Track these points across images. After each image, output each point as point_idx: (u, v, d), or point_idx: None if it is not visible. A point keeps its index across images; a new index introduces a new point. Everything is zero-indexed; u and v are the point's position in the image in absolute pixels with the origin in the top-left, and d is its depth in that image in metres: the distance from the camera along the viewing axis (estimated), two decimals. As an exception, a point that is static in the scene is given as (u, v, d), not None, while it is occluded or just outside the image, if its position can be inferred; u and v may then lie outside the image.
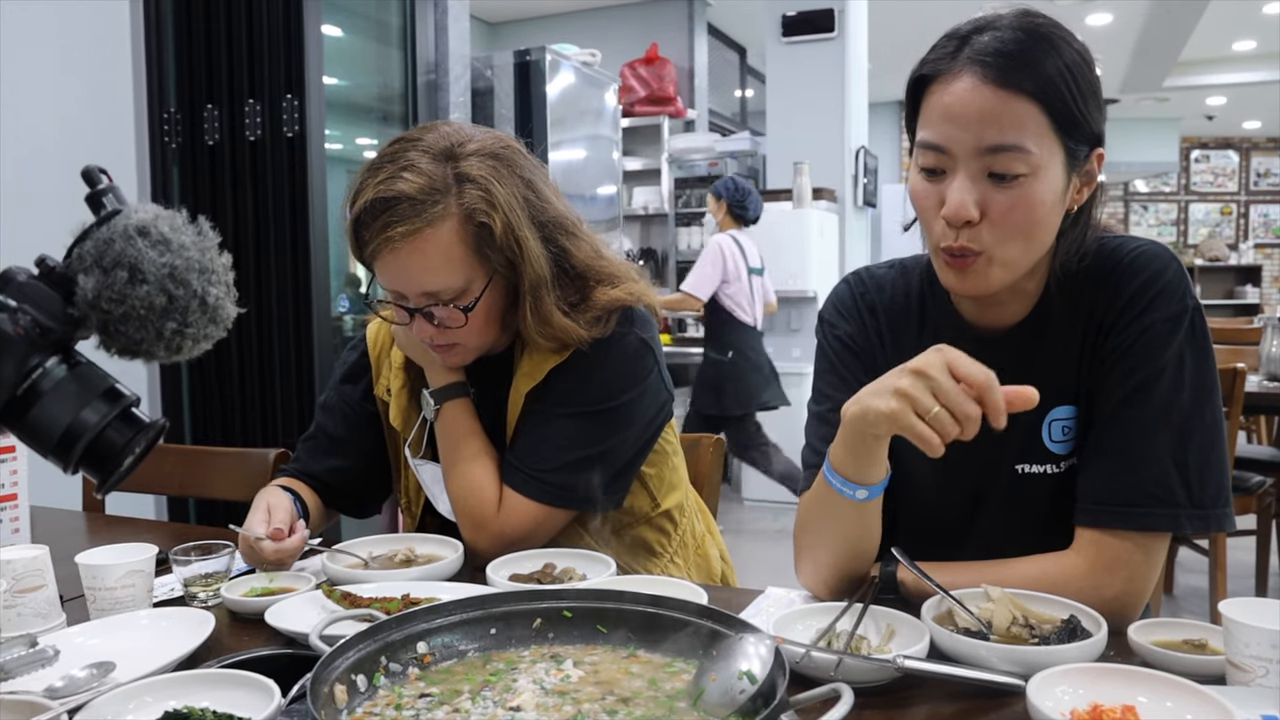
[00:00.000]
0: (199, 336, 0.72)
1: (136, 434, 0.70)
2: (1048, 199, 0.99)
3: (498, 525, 1.31)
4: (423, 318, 1.27)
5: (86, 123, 2.79)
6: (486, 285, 1.26)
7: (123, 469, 0.71)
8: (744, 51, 8.43)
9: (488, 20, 7.34)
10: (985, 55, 0.97)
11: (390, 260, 1.23)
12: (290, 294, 2.84)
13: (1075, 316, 1.10)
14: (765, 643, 0.76)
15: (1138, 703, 0.80)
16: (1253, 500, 3.16)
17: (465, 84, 3.61)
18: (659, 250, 6.78)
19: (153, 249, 0.69)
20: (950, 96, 0.98)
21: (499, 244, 1.24)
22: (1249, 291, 11.76)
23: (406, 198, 1.20)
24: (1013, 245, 1.01)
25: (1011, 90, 0.96)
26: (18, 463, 1.42)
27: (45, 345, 0.67)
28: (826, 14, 5.40)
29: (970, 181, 0.98)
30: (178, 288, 0.69)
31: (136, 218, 0.70)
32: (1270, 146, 12.35)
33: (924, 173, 1.03)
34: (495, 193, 1.23)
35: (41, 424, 0.67)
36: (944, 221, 1.01)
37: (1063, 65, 0.98)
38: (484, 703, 0.77)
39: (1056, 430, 1.11)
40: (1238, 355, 3.55)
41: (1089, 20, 7.34)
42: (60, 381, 0.67)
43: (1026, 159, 0.97)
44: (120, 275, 0.67)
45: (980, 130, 0.97)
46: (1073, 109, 0.98)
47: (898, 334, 1.20)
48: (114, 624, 1.07)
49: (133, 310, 0.68)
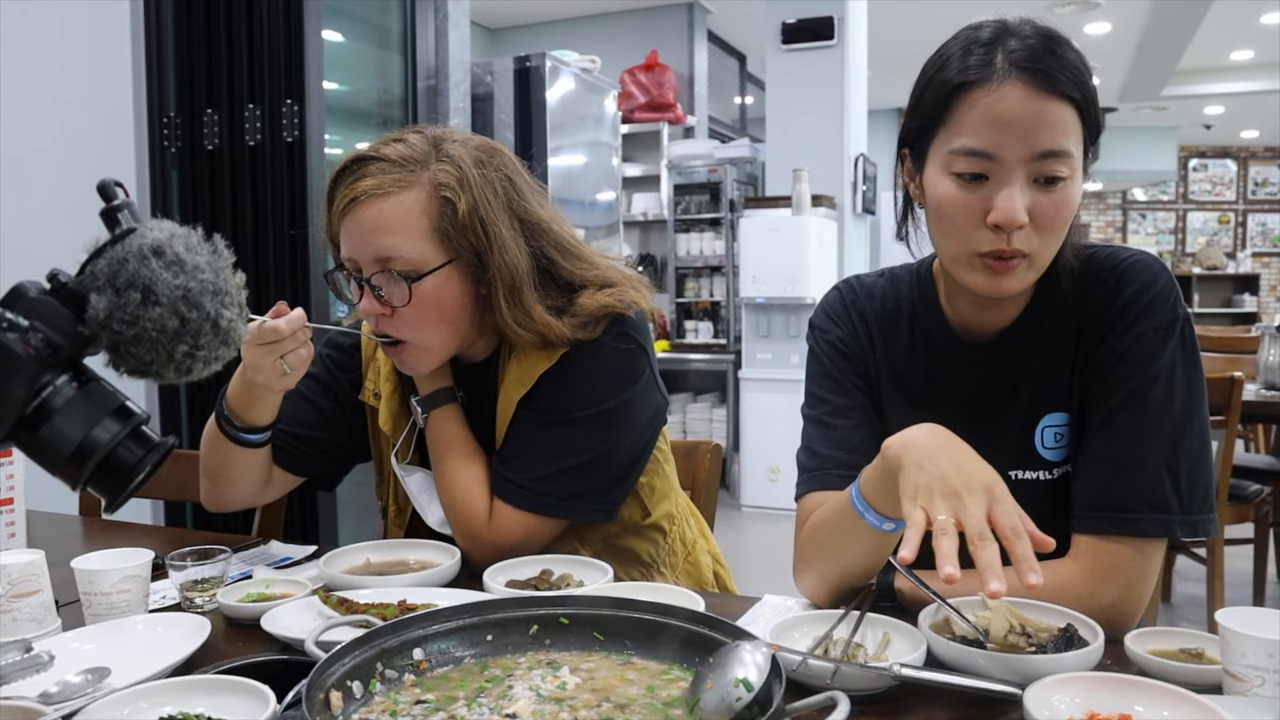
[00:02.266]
0: (210, 359, 0.72)
1: (148, 453, 0.70)
2: (1077, 199, 1.03)
3: (489, 536, 1.30)
4: (370, 290, 1.25)
5: (86, 126, 2.79)
6: (441, 266, 1.24)
7: (131, 487, 0.71)
8: (744, 58, 8.45)
9: (488, 26, 7.35)
10: (1027, 62, 0.98)
11: (351, 217, 1.24)
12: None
13: (1067, 324, 1.11)
14: (762, 650, 0.76)
15: (1134, 712, 0.80)
16: (1250, 509, 3.16)
17: (465, 89, 3.62)
18: (658, 256, 6.79)
19: (167, 270, 0.68)
20: (1001, 104, 0.98)
21: (462, 225, 1.23)
22: (1246, 300, 11.78)
23: (384, 159, 1.23)
24: (1049, 246, 1.03)
25: (1057, 95, 0.98)
26: (14, 467, 1.42)
27: (56, 363, 0.66)
28: (826, 22, 5.41)
29: (1019, 187, 0.99)
30: (191, 310, 0.68)
31: (152, 237, 0.69)
32: (1268, 156, 12.38)
33: (960, 178, 1.02)
34: (468, 174, 1.24)
35: (52, 442, 0.66)
36: (989, 229, 1.01)
37: (1082, 68, 1.01)
38: (480, 709, 0.77)
39: (1049, 437, 1.12)
40: (1235, 364, 3.55)
41: (1088, 29, 7.36)
42: (71, 400, 0.67)
43: (1069, 162, 1.00)
44: (133, 296, 0.66)
45: (1034, 137, 0.98)
46: (1095, 110, 1.02)
47: (888, 340, 1.21)
48: (109, 629, 1.06)
49: (144, 332, 0.67)
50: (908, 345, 1.20)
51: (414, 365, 1.31)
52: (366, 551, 1.33)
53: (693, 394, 6.41)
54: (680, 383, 6.39)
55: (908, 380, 1.20)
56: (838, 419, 1.19)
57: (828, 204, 5.42)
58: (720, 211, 6.46)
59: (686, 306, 6.77)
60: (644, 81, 6.59)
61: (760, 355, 5.38)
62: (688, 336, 6.55)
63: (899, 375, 1.20)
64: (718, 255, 6.47)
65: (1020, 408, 1.13)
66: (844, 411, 1.19)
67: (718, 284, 6.60)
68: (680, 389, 6.38)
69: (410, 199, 1.23)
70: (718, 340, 6.41)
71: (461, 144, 1.28)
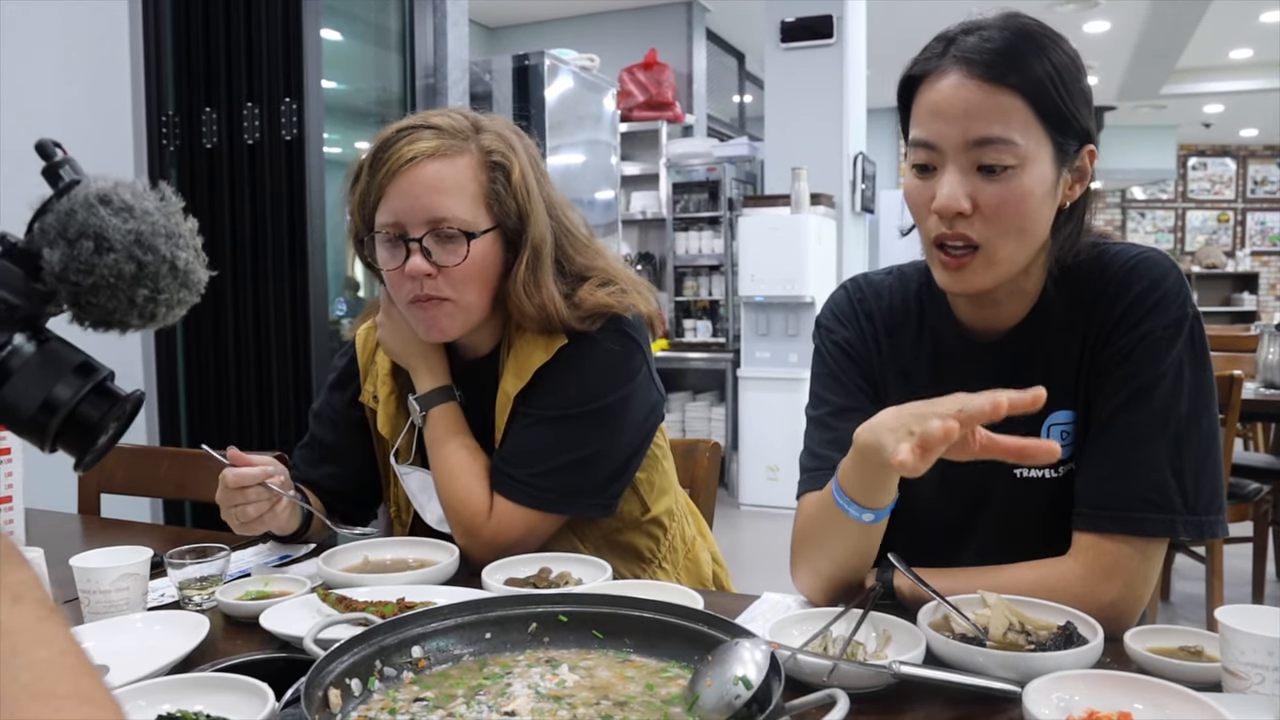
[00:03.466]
0: (172, 302, 0.71)
1: (112, 406, 0.69)
2: (1037, 191, 1.01)
3: (489, 532, 1.30)
4: (420, 252, 1.26)
5: (85, 125, 2.79)
6: (492, 229, 1.28)
7: (100, 444, 0.70)
8: (743, 57, 8.45)
9: (486, 25, 7.35)
10: (970, 53, 1.00)
11: (403, 180, 1.25)
12: (288, 298, 2.83)
13: (1074, 321, 1.10)
14: (761, 648, 0.76)
15: (1134, 709, 0.80)
16: (1249, 508, 3.16)
17: (464, 88, 3.62)
18: (657, 255, 6.79)
19: (116, 216, 0.67)
20: (937, 94, 1.01)
21: (513, 189, 1.28)
22: (1246, 299, 11.78)
23: (436, 127, 1.27)
24: (1006, 240, 1.02)
25: (995, 84, 0.98)
26: (13, 465, 1.42)
27: (12, 323, 0.66)
28: (825, 20, 5.41)
29: (960, 174, 1.01)
30: (146, 253, 0.68)
31: (96, 186, 0.69)
32: (1267, 154, 12.38)
33: (917, 170, 1.05)
34: (515, 144, 1.31)
35: (14, 402, 0.66)
36: (936, 216, 1.02)
37: (1048, 62, 1.00)
38: (479, 707, 0.76)
39: (1055, 435, 1.11)
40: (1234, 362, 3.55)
41: (1087, 27, 7.36)
42: (29, 359, 0.66)
43: (1013, 150, 0.99)
44: (86, 245, 0.66)
45: (966, 124, 0.99)
46: (1059, 103, 1.00)
47: (895, 338, 1.21)
48: (108, 627, 1.06)
49: (102, 279, 0.66)
50: (915, 343, 1.20)
51: (448, 326, 1.31)
52: (365, 549, 1.33)
53: (691, 393, 6.41)
54: (679, 381, 6.39)
55: (915, 378, 1.19)
56: (839, 420, 1.19)
57: (827, 203, 5.42)
58: (719, 210, 6.46)
59: (685, 305, 6.77)
60: (643, 80, 6.59)
61: (759, 354, 5.37)
62: (686, 335, 6.55)
63: (906, 373, 1.20)
64: (716, 254, 6.47)
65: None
66: (845, 413, 1.18)
67: (716, 283, 6.60)
68: (679, 388, 6.38)
69: (464, 162, 1.27)
70: (716, 339, 6.41)
71: (495, 121, 1.34)
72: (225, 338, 2.93)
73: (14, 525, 1.42)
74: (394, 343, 1.38)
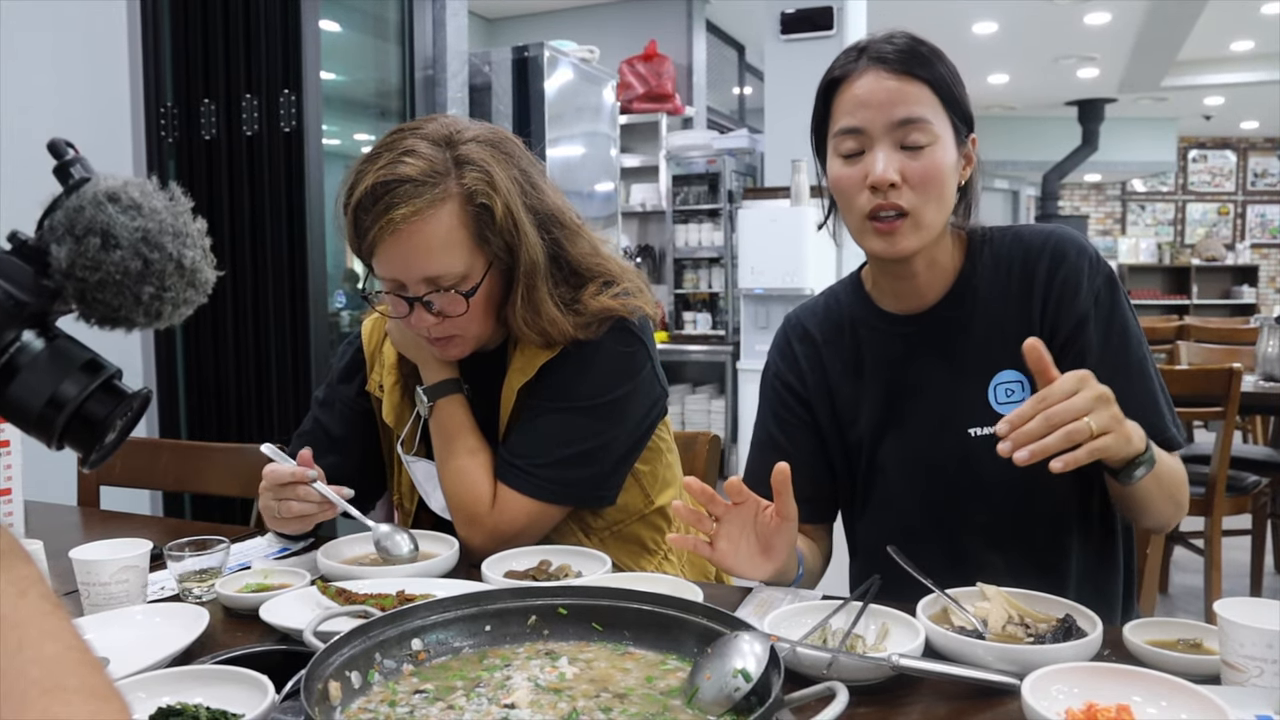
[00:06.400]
0: (178, 301, 0.71)
1: (119, 404, 0.69)
2: (947, 164, 1.18)
3: (492, 521, 1.31)
4: (422, 307, 1.26)
5: (83, 117, 2.78)
6: (487, 271, 1.27)
7: (107, 442, 0.70)
8: (742, 49, 8.42)
9: (486, 16, 7.33)
10: (885, 54, 1.18)
11: (391, 245, 1.22)
12: (287, 289, 2.83)
13: (1007, 291, 1.24)
14: (760, 641, 0.76)
15: (1132, 702, 0.80)
16: (1248, 500, 3.16)
17: (463, 80, 3.61)
18: (656, 247, 6.78)
19: (123, 214, 0.68)
20: (861, 88, 1.18)
21: (499, 226, 1.25)
22: (1245, 291, 11.78)
23: (408, 179, 1.20)
24: (929, 206, 1.18)
25: (909, 76, 1.17)
26: (12, 457, 1.42)
27: (21, 319, 0.66)
28: (825, 11, 5.39)
29: (888, 152, 1.16)
30: (152, 251, 0.68)
31: (105, 184, 0.69)
32: (1268, 147, 12.37)
33: (844, 158, 1.20)
34: (495, 175, 1.25)
35: (21, 399, 0.66)
36: (869, 191, 1.17)
37: (943, 65, 1.20)
38: (478, 699, 0.77)
39: (1002, 393, 1.23)
40: (1234, 355, 3.56)
41: (1087, 19, 7.34)
42: (37, 355, 0.66)
43: (928, 129, 1.16)
44: (93, 242, 0.66)
45: (890, 109, 1.16)
46: (955, 95, 1.20)
47: (833, 343, 1.34)
48: (108, 619, 1.07)
49: (108, 276, 0.67)
50: (851, 339, 1.32)
51: (460, 352, 1.35)
52: (365, 542, 1.32)
53: (691, 385, 6.40)
54: (679, 374, 6.38)
55: (859, 366, 1.31)
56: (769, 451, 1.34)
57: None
58: (719, 202, 6.44)
59: (685, 298, 6.76)
60: (642, 72, 6.57)
61: (759, 346, 5.36)
62: (686, 328, 6.54)
63: (851, 364, 1.32)
64: (716, 246, 6.46)
65: (970, 369, 1.24)
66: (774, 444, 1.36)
67: (716, 275, 6.59)
68: (679, 380, 6.37)
69: (446, 214, 1.22)
70: (716, 331, 6.41)
71: (474, 141, 1.27)
72: (224, 329, 2.93)
73: (13, 518, 1.42)
74: (402, 336, 1.38)
